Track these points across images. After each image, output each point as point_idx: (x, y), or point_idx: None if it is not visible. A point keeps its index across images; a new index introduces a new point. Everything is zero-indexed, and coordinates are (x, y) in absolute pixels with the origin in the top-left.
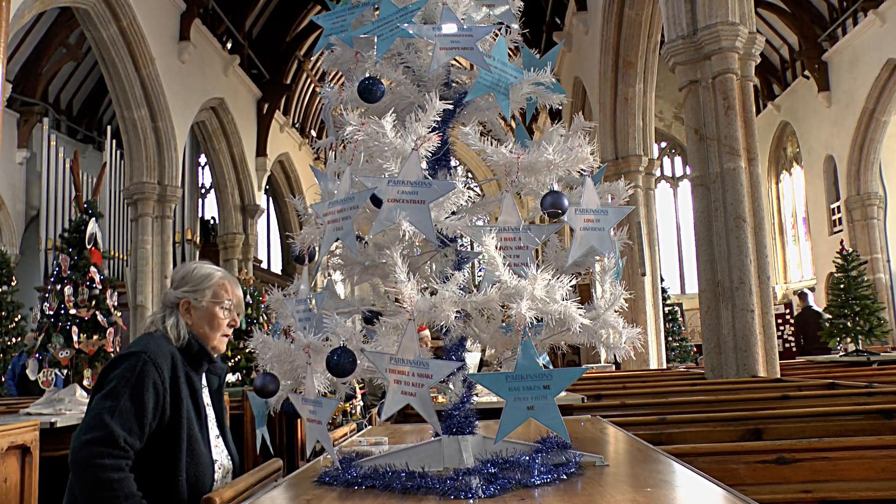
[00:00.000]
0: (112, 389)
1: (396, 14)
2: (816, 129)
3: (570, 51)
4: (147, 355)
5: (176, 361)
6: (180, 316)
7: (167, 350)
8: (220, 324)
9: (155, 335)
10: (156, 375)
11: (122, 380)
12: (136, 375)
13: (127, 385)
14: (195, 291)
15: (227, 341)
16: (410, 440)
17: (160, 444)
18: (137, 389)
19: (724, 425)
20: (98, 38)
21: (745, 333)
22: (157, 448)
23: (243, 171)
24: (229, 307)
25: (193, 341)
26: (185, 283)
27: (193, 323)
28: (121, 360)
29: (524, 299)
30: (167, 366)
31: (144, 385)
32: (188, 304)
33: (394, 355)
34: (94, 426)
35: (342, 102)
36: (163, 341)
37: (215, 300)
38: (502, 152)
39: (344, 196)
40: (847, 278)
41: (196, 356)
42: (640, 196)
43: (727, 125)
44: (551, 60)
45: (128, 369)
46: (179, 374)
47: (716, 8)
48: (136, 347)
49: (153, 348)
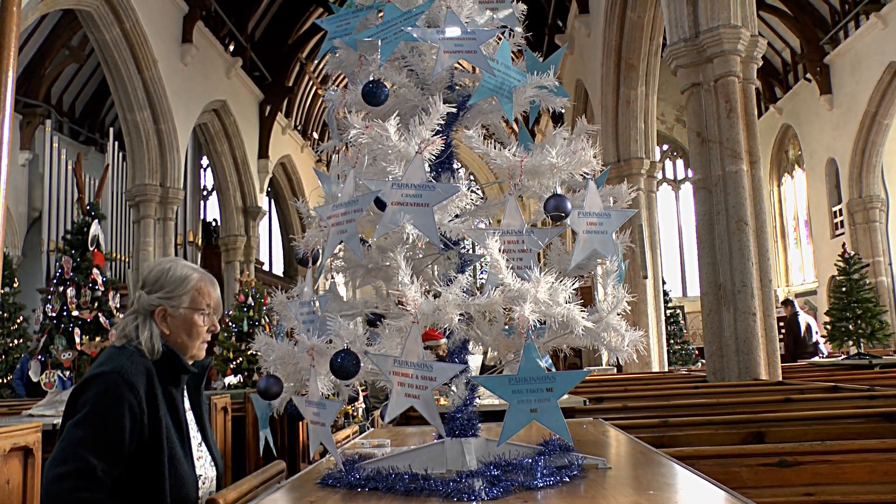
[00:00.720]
0: (84, 416)
1: (400, 17)
2: (818, 132)
3: (573, 53)
4: (120, 375)
5: (152, 377)
6: (155, 326)
7: (141, 366)
8: (199, 332)
9: (127, 349)
10: (131, 397)
11: (95, 405)
12: (110, 399)
13: (99, 411)
14: (171, 298)
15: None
16: (413, 442)
17: (141, 467)
18: (112, 414)
19: (726, 428)
20: (101, 40)
21: (747, 336)
22: (139, 472)
23: (245, 173)
24: (208, 312)
25: (168, 353)
26: (159, 287)
27: (170, 332)
28: (91, 382)
29: (527, 302)
30: (142, 384)
31: (118, 409)
32: (164, 313)
33: (397, 358)
34: (67, 458)
35: (346, 105)
36: (136, 356)
37: (193, 307)
38: (506, 155)
39: (348, 199)
40: (849, 281)
41: (172, 369)
42: (641, 199)
43: (729, 128)
44: (555, 64)
45: (100, 393)
46: (156, 390)
47: (718, 11)
48: (108, 366)
49: (126, 366)
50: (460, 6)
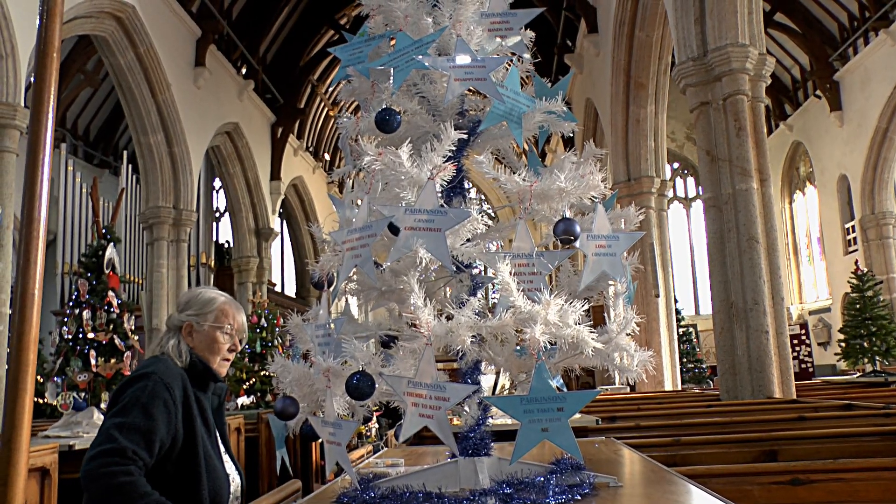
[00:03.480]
0: (122, 407)
1: (412, 46)
2: (829, 148)
3: (582, 73)
4: (158, 376)
5: (185, 382)
6: (182, 338)
7: (176, 371)
8: (220, 348)
9: (162, 357)
10: (167, 395)
11: (133, 398)
12: (147, 394)
13: (137, 403)
14: (198, 315)
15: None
16: (427, 462)
17: (180, 462)
18: (148, 407)
19: (738, 447)
20: (115, 64)
21: (760, 354)
22: (178, 466)
23: (257, 194)
24: (230, 332)
25: (198, 361)
26: (189, 306)
27: (195, 346)
28: (133, 381)
29: (538, 324)
30: (178, 386)
31: (155, 403)
32: (191, 328)
33: (411, 379)
34: (102, 441)
35: (359, 132)
36: (171, 363)
37: (216, 324)
38: (515, 180)
39: (362, 224)
40: (862, 298)
41: (202, 376)
42: (652, 217)
43: (739, 146)
44: (563, 89)
45: (139, 389)
46: (189, 393)
47: (725, 30)
48: (147, 369)
49: (163, 369)
50: (470, 34)
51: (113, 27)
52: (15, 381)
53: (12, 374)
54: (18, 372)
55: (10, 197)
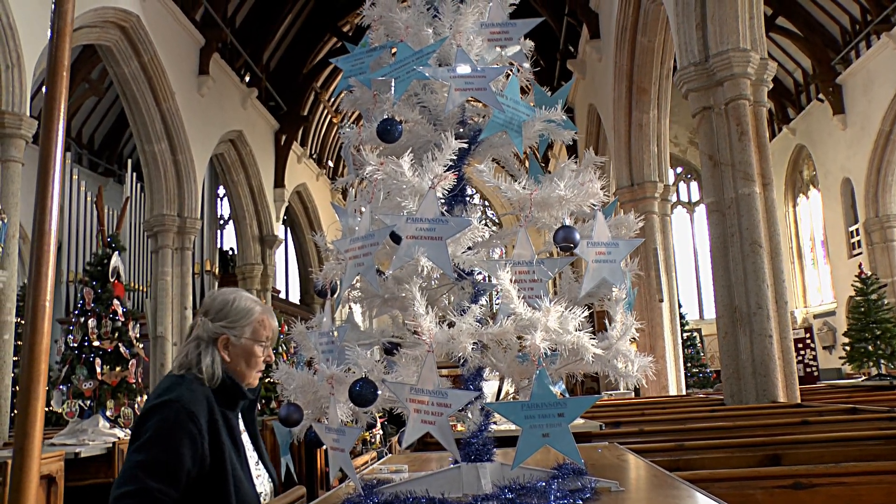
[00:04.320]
0: (145, 442)
1: (413, 57)
2: (832, 151)
3: (584, 78)
4: (181, 404)
5: (211, 405)
6: (217, 353)
7: (201, 394)
8: (256, 362)
9: (186, 378)
10: (191, 426)
11: (155, 431)
12: (170, 426)
13: (160, 437)
14: (234, 327)
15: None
16: (430, 467)
17: (207, 490)
18: (172, 441)
19: (742, 451)
20: (120, 73)
21: (764, 359)
22: (205, 495)
23: (261, 202)
24: (267, 344)
25: (227, 380)
26: (223, 316)
27: (230, 360)
28: (155, 410)
29: (538, 330)
30: (203, 412)
31: (179, 436)
32: (227, 341)
33: (414, 385)
34: (126, 480)
35: (361, 142)
36: (195, 384)
37: (254, 338)
38: (516, 189)
39: (365, 233)
40: (867, 302)
41: (230, 395)
42: (655, 222)
43: (741, 151)
44: (562, 98)
45: (161, 420)
46: (216, 416)
47: (727, 35)
48: (169, 395)
49: (186, 396)
50: (470, 45)
51: (117, 36)
52: (27, 389)
53: (24, 383)
54: (30, 381)
55: (15, 206)
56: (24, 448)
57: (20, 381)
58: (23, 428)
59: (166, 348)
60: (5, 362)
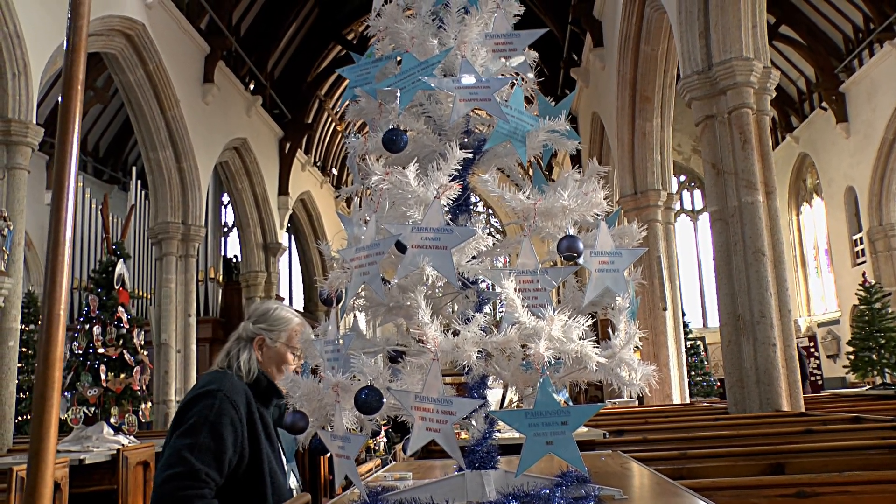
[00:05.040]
0: (191, 427)
1: (418, 67)
2: (836, 160)
3: (588, 86)
4: (224, 393)
5: (249, 398)
6: (253, 352)
7: (240, 387)
8: (287, 368)
9: (227, 373)
10: (233, 413)
11: (201, 417)
12: (215, 412)
13: (205, 422)
14: (271, 331)
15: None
16: (434, 475)
17: (246, 479)
18: (216, 426)
19: (745, 460)
20: (125, 81)
21: (768, 367)
22: (245, 483)
23: (265, 209)
24: (299, 354)
25: (262, 377)
26: (263, 320)
27: (263, 361)
28: (198, 399)
29: (542, 339)
30: (242, 403)
31: (222, 422)
32: (262, 342)
33: (419, 393)
34: (174, 462)
35: (367, 151)
36: (235, 379)
37: (289, 344)
38: (519, 199)
39: (370, 242)
40: (871, 311)
41: (265, 392)
42: (659, 230)
43: (744, 159)
44: (566, 108)
45: (206, 407)
46: (253, 409)
47: (730, 43)
48: (212, 385)
49: (228, 386)
50: (475, 55)
51: (123, 44)
52: (42, 396)
53: (39, 390)
54: (45, 388)
55: (21, 213)
56: (39, 453)
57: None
58: (38, 433)
59: (170, 355)
60: (10, 369)
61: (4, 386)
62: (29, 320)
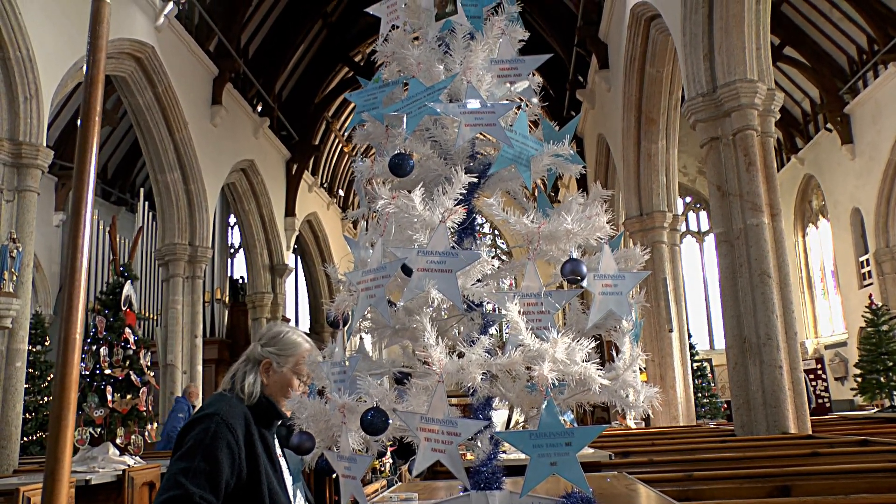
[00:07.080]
0: (187, 451)
1: (424, 92)
2: (841, 181)
3: (594, 108)
4: (220, 417)
5: (248, 421)
6: (258, 375)
7: (239, 410)
8: (292, 393)
9: (227, 396)
10: (229, 436)
11: (196, 441)
12: (210, 436)
13: (200, 446)
14: (279, 355)
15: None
16: (440, 496)
17: (246, 500)
18: (211, 450)
19: (751, 482)
20: (134, 104)
21: (774, 389)
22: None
23: (272, 231)
24: (305, 380)
25: (263, 399)
26: (272, 343)
27: (268, 384)
28: (196, 423)
29: (546, 361)
30: (241, 426)
31: (218, 445)
32: (269, 366)
33: (424, 415)
34: (170, 486)
35: (373, 175)
36: (235, 401)
37: (295, 370)
38: (524, 222)
39: (377, 265)
40: (878, 333)
41: (265, 414)
42: (665, 252)
43: (749, 181)
44: (570, 133)
45: (202, 431)
46: (253, 431)
47: (734, 66)
48: (211, 409)
49: (225, 409)
50: (480, 80)
51: (132, 67)
52: (58, 418)
53: (55, 411)
54: (61, 410)
55: (30, 235)
56: (54, 472)
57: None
58: (54, 453)
59: (176, 376)
60: (17, 390)
61: (11, 406)
62: (36, 341)
